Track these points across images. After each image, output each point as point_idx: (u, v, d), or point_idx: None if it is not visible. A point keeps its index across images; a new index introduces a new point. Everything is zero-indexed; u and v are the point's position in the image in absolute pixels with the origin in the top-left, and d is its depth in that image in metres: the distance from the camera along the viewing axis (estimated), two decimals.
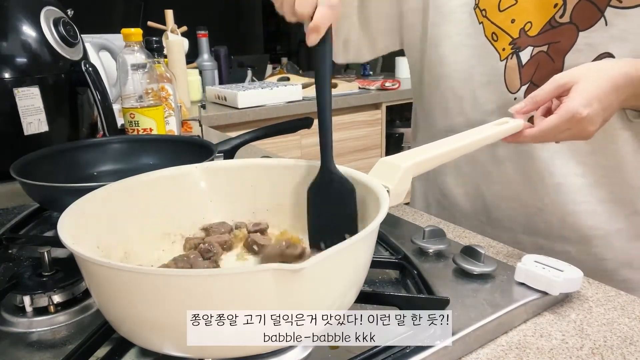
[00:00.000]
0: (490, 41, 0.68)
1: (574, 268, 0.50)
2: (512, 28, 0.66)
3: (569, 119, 0.53)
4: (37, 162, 0.72)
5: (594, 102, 0.52)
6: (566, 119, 0.53)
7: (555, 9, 0.62)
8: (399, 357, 0.40)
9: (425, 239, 0.58)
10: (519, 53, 0.66)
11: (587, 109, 0.52)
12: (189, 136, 1.10)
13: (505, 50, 0.67)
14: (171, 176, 0.54)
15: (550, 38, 0.63)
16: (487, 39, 0.69)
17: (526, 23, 0.65)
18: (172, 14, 1.83)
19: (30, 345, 0.43)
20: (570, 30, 0.62)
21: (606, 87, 0.53)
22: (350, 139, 2.30)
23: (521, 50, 0.66)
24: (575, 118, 0.52)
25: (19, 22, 0.89)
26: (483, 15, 0.68)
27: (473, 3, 0.69)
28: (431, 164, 0.51)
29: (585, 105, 0.52)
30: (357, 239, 0.37)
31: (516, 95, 0.68)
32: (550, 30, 0.63)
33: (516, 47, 0.66)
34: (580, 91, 0.53)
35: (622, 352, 0.43)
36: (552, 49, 0.64)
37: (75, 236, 0.39)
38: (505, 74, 0.68)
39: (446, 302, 0.45)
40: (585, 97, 0.52)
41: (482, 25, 0.69)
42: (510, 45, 0.67)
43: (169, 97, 1.03)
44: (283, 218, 0.57)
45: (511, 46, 0.67)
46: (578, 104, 0.52)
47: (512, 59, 0.67)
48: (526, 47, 0.66)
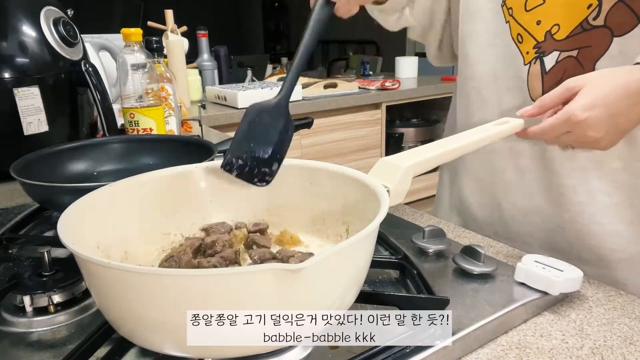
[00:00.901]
0: (515, 43, 0.65)
1: (574, 268, 0.50)
2: (538, 30, 0.62)
3: (565, 120, 0.52)
4: (37, 162, 0.72)
5: (596, 107, 0.50)
6: (562, 120, 0.52)
7: (589, 10, 0.58)
8: (399, 357, 0.40)
9: (425, 239, 0.58)
10: (543, 58, 0.62)
11: (586, 112, 0.50)
12: (189, 136, 1.10)
13: (529, 54, 0.63)
14: (171, 176, 0.54)
15: (581, 42, 0.59)
16: (513, 40, 0.65)
17: (553, 25, 0.61)
18: (172, 14, 1.83)
19: (30, 345, 0.43)
20: (604, 34, 0.58)
21: (616, 93, 0.51)
22: (350, 139, 2.30)
23: (546, 55, 0.62)
24: (571, 120, 0.51)
25: (19, 22, 0.89)
26: (510, 14, 0.64)
27: (500, 0, 0.65)
28: (431, 164, 0.51)
29: (585, 108, 0.50)
30: (357, 239, 0.37)
31: None
32: (582, 34, 0.59)
33: (540, 52, 0.62)
34: (583, 94, 0.51)
35: (622, 352, 0.43)
36: (582, 54, 0.59)
37: (75, 236, 0.39)
38: (529, 79, 0.64)
39: (446, 302, 0.45)
40: (587, 100, 0.51)
41: (509, 25, 0.65)
42: (534, 49, 0.63)
43: (168, 97, 1.03)
44: (283, 218, 0.57)
45: (535, 50, 0.63)
46: (577, 106, 0.51)
47: (535, 64, 0.63)
48: (551, 51, 0.61)
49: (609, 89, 0.51)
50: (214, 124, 1.77)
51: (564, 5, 0.60)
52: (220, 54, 2.29)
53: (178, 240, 0.54)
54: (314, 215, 0.55)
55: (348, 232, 0.52)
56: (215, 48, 2.28)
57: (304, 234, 0.55)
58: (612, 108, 0.51)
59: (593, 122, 0.51)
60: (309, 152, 2.15)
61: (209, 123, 1.73)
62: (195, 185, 0.56)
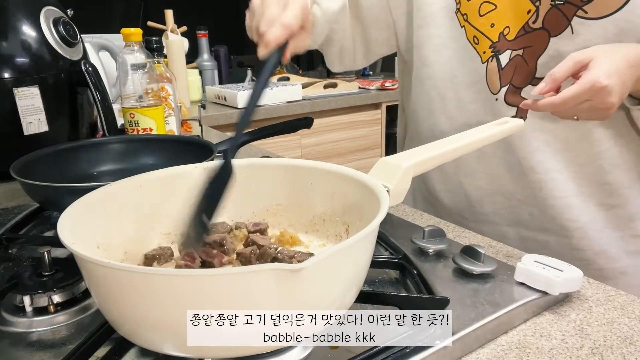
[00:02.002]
0: (472, 44, 0.72)
1: (574, 268, 0.50)
2: (492, 32, 0.69)
3: (590, 87, 0.54)
4: (37, 162, 0.72)
5: (613, 75, 0.54)
6: (587, 87, 0.54)
7: (528, 15, 0.66)
8: (399, 357, 0.40)
9: (425, 239, 0.58)
10: (498, 56, 0.70)
11: (607, 79, 0.54)
12: (189, 136, 1.10)
13: (486, 53, 0.71)
14: (171, 176, 0.54)
15: (525, 43, 0.67)
16: (469, 42, 0.72)
17: (505, 27, 0.68)
18: (172, 14, 1.83)
19: (30, 345, 0.43)
20: (543, 35, 0.65)
21: (622, 63, 0.55)
22: (350, 139, 2.30)
23: (500, 53, 0.69)
24: (595, 87, 0.54)
25: (19, 22, 0.89)
26: (464, 19, 0.72)
27: (455, 7, 0.72)
28: (431, 164, 0.51)
29: (607, 75, 0.54)
30: (357, 239, 0.37)
31: (497, 96, 0.71)
32: (525, 35, 0.67)
33: (496, 51, 0.70)
34: (600, 64, 0.55)
35: (622, 352, 0.43)
36: (526, 52, 0.67)
37: (75, 236, 0.39)
38: (487, 75, 0.71)
39: (446, 302, 0.45)
40: (606, 68, 0.54)
41: (464, 29, 0.72)
42: (490, 48, 0.70)
43: (168, 97, 1.03)
44: (283, 218, 0.57)
45: (491, 49, 0.70)
46: (599, 73, 0.54)
47: (492, 62, 0.70)
48: (505, 50, 0.69)
49: (618, 59, 0.56)
50: (214, 124, 1.77)
51: (511, 10, 0.67)
52: (220, 54, 2.29)
53: (178, 240, 0.54)
54: (314, 215, 0.55)
55: (348, 232, 0.52)
56: (215, 48, 2.28)
57: (304, 234, 0.55)
58: (623, 76, 0.55)
59: (612, 88, 0.54)
60: (309, 152, 2.15)
61: (209, 123, 1.73)
62: (195, 185, 0.56)
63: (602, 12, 0.61)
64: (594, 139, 0.68)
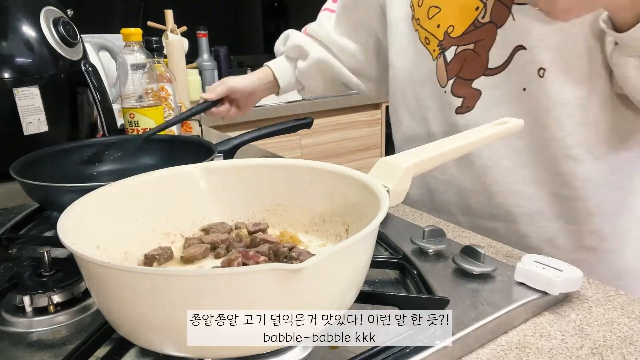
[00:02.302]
0: (424, 45, 0.79)
1: (574, 268, 0.50)
2: (438, 32, 0.76)
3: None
4: (37, 162, 0.72)
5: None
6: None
7: (477, 12, 0.71)
8: (399, 357, 0.40)
9: (425, 239, 0.58)
10: (444, 53, 0.76)
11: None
12: (189, 136, 1.10)
13: (435, 51, 0.77)
14: (171, 176, 0.54)
15: (476, 37, 0.72)
16: (422, 43, 0.79)
17: (449, 27, 0.74)
18: (172, 14, 1.82)
19: (30, 345, 0.43)
20: (491, 28, 0.70)
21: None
22: (350, 139, 2.30)
23: (446, 50, 0.75)
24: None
25: (19, 22, 0.89)
26: (417, 23, 0.79)
27: (411, 14, 0.80)
28: (431, 164, 0.51)
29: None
30: (357, 239, 0.37)
31: (445, 89, 0.76)
32: (475, 30, 0.72)
33: (442, 48, 0.76)
34: None
35: (622, 352, 0.43)
36: (477, 46, 0.72)
37: (75, 236, 0.39)
38: (437, 71, 0.78)
39: (446, 302, 0.45)
40: None
41: (417, 33, 0.79)
42: (438, 46, 0.77)
43: (168, 97, 1.03)
44: (283, 218, 0.57)
45: (439, 47, 0.76)
46: None
47: (440, 58, 0.77)
48: (450, 47, 0.75)
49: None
50: (214, 124, 1.77)
51: (457, 10, 0.73)
52: (220, 54, 2.29)
53: (178, 240, 0.54)
54: (314, 215, 0.55)
55: (348, 232, 0.52)
56: (215, 48, 2.28)
57: (304, 234, 0.55)
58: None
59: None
60: (309, 152, 2.15)
61: (209, 123, 1.73)
62: (195, 185, 0.56)
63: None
64: (545, 125, 0.70)
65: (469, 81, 0.73)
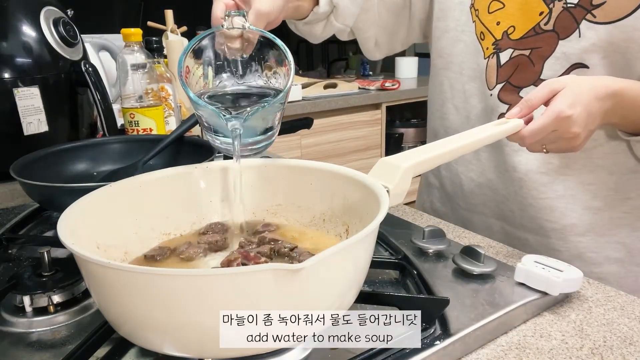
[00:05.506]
0: (478, 39, 0.74)
1: (574, 268, 0.50)
2: (497, 30, 0.71)
3: (555, 117, 0.55)
4: (37, 162, 0.72)
5: (577, 105, 0.55)
6: (552, 118, 0.55)
7: (541, 17, 0.67)
8: (399, 357, 0.40)
9: (425, 239, 0.58)
10: (499, 54, 0.71)
11: (571, 109, 0.55)
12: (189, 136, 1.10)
13: (489, 50, 0.73)
14: (171, 176, 0.54)
15: (533, 43, 0.68)
16: (477, 37, 0.74)
17: (509, 27, 0.70)
18: (172, 14, 1.82)
19: (30, 345, 0.43)
20: (552, 37, 0.66)
21: (589, 95, 0.57)
22: (350, 139, 2.30)
23: (502, 51, 0.71)
24: (560, 117, 0.55)
25: (19, 22, 0.89)
26: (476, 15, 0.74)
27: (470, 2, 0.74)
28: (431, 164, 0.51)
29: (570, 106, 0.55)
30: (357, 239, 0.37)
31: (492, 92, 0.73)
32: (534, 36, 0.68)
33: (497, 48, 0.72)
34: (565, 94, 0.56)
35: (622, 352, 0.43)
36: (534, 53, 0.68)
37: (75, 236, 0.39)
38: (487, 71, 0.74)
39: (446, 302, 0.45)
40: (569, 99, 0.55)
41: (474, 24, 0.74)
42: (492, 45, 0.72)
43: (168, 97, 1.03)
44: (283, 218, 0.57)
45: (493, 46, 0.72)
46: (563, 104, 0.55)
47: (492, 58, 0.72)
48: (506, 49, 0.71)
49: (585, 91, 0.57)
50: None
51: (520, 10, 0.68)
52: None
53: (178, 240, 0.54)
54: (314, 215, 0.55)
55: (348, 232, 0.52)
56: None
57: (303, 234, 0.55)
58: (589, 108, 0.56)
59: (576, 119, 0.55)
60: (309, 152, 2.15)
61: None
62: (195, 185, 0.56)
63: (611, 18, 0.61)
64: None
65: (518, 89, 0.70)
